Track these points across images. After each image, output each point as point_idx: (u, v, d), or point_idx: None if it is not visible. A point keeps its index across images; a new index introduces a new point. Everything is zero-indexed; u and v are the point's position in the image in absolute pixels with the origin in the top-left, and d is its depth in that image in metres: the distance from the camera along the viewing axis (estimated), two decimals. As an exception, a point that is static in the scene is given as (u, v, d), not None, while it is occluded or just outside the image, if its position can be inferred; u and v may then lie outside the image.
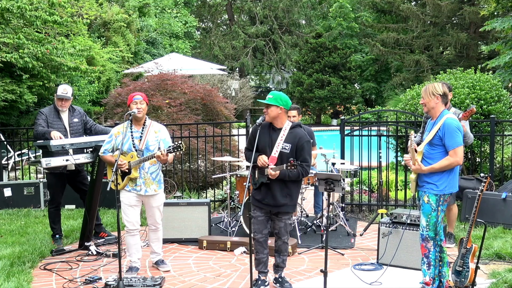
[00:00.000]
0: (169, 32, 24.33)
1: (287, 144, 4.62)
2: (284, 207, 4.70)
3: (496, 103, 7.87)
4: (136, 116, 5.12)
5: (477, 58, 19.60)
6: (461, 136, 4.35)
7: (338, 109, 25.21)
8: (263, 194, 4.70)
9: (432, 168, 4.37)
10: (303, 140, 4.64)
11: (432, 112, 4.47)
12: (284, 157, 4.59)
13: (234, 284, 5.01)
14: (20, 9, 9.11)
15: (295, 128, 4.71)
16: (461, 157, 4.32)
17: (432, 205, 4.40)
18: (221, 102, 10.68)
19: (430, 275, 4.43)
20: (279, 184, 4.63)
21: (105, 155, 5.27)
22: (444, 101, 4.43)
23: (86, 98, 13.83)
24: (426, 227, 4.44)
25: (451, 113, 4.47)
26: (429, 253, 4.44)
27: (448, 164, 4.32)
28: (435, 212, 4.40)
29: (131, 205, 5.21)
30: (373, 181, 8.39)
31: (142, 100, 5.16)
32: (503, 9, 12.30)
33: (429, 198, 4.41)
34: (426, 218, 4.44)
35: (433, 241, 4.44)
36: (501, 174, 7.88)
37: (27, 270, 5.26)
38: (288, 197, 4.69)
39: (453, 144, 4.29)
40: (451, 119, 4.35)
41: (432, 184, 4.39)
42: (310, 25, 29.28)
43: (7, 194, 8.07)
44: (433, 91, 4.40)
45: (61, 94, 6.00)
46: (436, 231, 4.44)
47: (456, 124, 4.35)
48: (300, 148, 4.62)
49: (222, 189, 8.65)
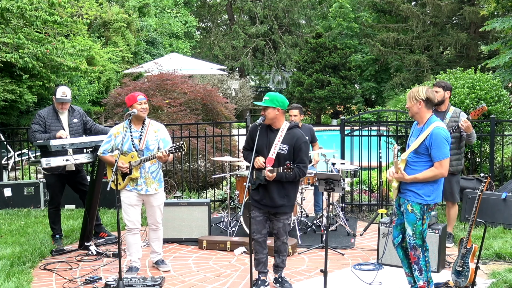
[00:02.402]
0: (169, 32, 24.32)
1: (285, 145, 4.62)
2: (282, 207, 4.70)
3: (496, 103, 7.87)
4: (140, 116, 5.14)
5: (477, 58, 19.60)
6: (448, 147, 4.18)
7: (338, 109, 25.23)
8: (261, 195, 4.70)
9: (415, 178, 4.21)
10: (301, 141, 4.64)
11: (417, 117, 4.30)
12: (281, 158, 4.59)
13: (234, 284, 5.01)
14: (20, 9, 9.10)
15: (293, 129, 4.71)
16: (446, 169, 4.16)
17: (417, 215, 4.26)
18: (221, 102, 10.68)
19: (424, 279, 4.39)
20: (276, 185, 4.63)
21: (105, 155, 5.27)
22: (429, 107, 4.25)
23: (86, 98, 13.82)
24: (412, 236, 4.31)
25: (440, 121, 4.28)
26: (418, 260, 4.34)
27: (432, 176, 4.18)
28: (420, 221, 4.27)
29: (131, 204, 5.22)
30: (373, 181, 8.40)
31: (146, 101, 5.20)
32: (503, 9, 12.31)
33: (413, 208, 4.26)
34: (412, 227, 4.30)
35: (421, 248, 4.32)
36: (501, 174, 7.88)
37: (27, 270, 5.26)
38: (286, 198, 4.69)
39: (439, 155, 4.13)
40: (439, 128, 4.16)
41: (415, 193, 4.24)
42: (310, 25, 29.28)
43: (7, 194, 8.07)
44: (415, 95, 4.22)
45: (61, 98, 5.96)
46: (423, 239, 4.31)
47: (444, 135, 4.16)
48: (298, 149, 4.62)
49: (222, 189, 8.66)
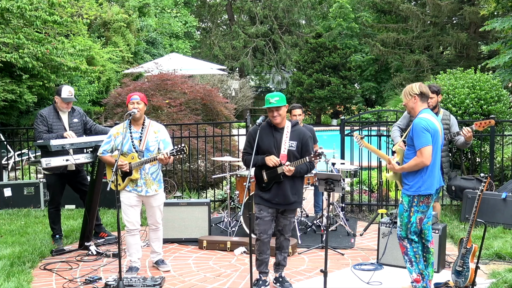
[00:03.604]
0: (169, 32, 24.32)
1: (293, 142, 4.74)
2: (294, 204, 4.79)
3: (496, 103, 7.87)
4: (134, 116, 5.10)
5: (477, 58, 19.57)
6: (429, 136, 4.27)
7: (338, 109, 25.23)
8: (273, 194, 4.71)
9: (403, 168, 4.41)
10: (307, 137, 4.80)
11: (412, 113, 4.50)
12: (291, 155, 4.70)
13: (234, 284, 5.01)
14: (20, 9, 9.10)
15: (296, 126, 4.84)
16: (427, 157, 4.25)
17: (404, 206, 4.44)
18: (221, 102, 10.68)
19: (416, 271, 4.47)
20: (289, 182, 4.71)
21: (104, 156, 5.26)
22: (424, 101, 4.42)
23: (86, 98, 13.82)
24: (400, 227, 4.52)
25: (429, 113, 4.40)
26: (407, 250, 4.50)
27: (415, 164, 4.31)
28: (407, 212, 4.42)
29: (131, 205, 5.21)
30: (373, 181, 8.40)
31: (139, 100, 5.13)
32: (503, 9, 12.30)
33: (402, 199, 4.48)
34: (400, 218, 4.51)
35: (407, 240, 4.48)
36: (501, 174, 7.88)
37: (27, 270, 5.25)
38: (297, 195, 4.80)
39: (418, 144, 4.27)
40: (420, 118, 4.33)
41: (406, 184, 4.43)
42: (310, 25, 29.28)
43: (7, 194, 8.07)
44: (410, 91, 4.44)
45: (68, 97, 5.99)
46: (407, 231, 4.45)
47: (424, 124, 4.28)
48: (305, 145, 4.76)
49: (222, 189, 8.65)
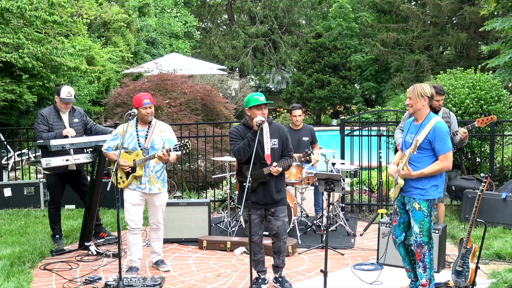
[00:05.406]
0: (169, 32, 24.29)
1: (275, 140, 4.73)
2: (281, 201, 4.78)
3: (496, 103, 7.87)
4: (145, 119, 5.19)
5: (477, 58, 19.57)
6: (450, 140, 4.30)
7: (338, 109, 25.22)
8: (259, 195, 4.70)
9: (422, 173, 4.25)
10: (285, 131, 4.83)
11: (418, 114, 4.36)
12: (276, 153, 4.70)
13: (234, 284, 5.01)
14: (20, 9, 9.11)
15: (272, 123, 4.83)
16: (451, 161, 4.26)
17: (425, 212, 4.29)
18: (221, 102, 10.68)
19: (427, 277, 4.41)
20: (275, 181, 4.72)
21: (108, 152, 5.31)
22: (430, 103, 4.36)
23: (86, 98, 13.82)
24: (419, 234, 4.32)
25: (439, 115, 4.43)
26: (424, 257, 4.37)
27: (439, 169, 4.25)
28: (428, 217, 4.31)
29: (134, 204, 5.22)
30: (373, 181, 8.40)
31: (151, 105, 5.22)
32: (503, 9, 12.29)
33: (420, 205, 4.28)
34: (419, 225, 4.31)
35: (427, 245, 4.35)
36: (501, 174, 7.88)
37: (27, 270, 5.25)
38: (281, 192, 4.81)
39: (444, 148, 4.21)
40: (441, 122, 4.28)
41: (421, 189, 4.27)
42: (310, 25, 29.29)
43: (7, 194, 8.07)
44: (421, 92, 4.27)
45: (66, 98, 5.99)
46: (430, 235, 4.36)
47: (446, 129, 4.30)
48: (286, 140, 4.78)
49: (222, 189, 8.65)
